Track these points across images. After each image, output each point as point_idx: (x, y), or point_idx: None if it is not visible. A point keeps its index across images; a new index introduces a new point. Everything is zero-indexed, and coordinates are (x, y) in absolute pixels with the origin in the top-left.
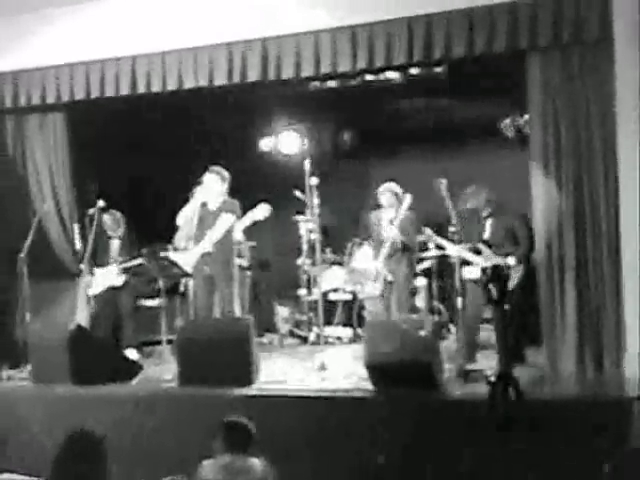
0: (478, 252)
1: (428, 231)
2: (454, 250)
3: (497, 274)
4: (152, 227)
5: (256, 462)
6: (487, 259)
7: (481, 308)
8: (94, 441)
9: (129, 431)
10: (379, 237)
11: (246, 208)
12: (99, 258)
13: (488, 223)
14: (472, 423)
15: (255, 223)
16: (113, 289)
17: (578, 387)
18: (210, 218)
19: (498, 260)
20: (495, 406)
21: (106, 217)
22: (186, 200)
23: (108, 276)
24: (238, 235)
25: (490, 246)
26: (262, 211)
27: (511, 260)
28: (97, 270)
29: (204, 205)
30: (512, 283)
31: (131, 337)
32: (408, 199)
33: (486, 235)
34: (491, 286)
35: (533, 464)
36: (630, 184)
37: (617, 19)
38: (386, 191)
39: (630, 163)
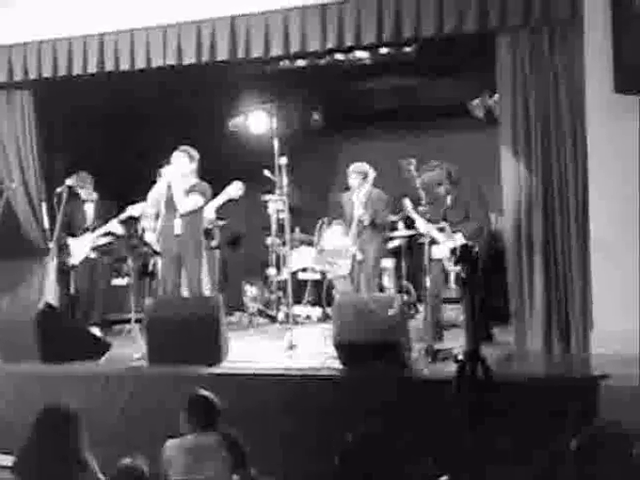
0: (442, 230)
1: (407, 202)
2: (424, 227)
3: (466, 254)
4: (122, 205)
5: (222, 440)
6: (448, 237)
7: (441, 287)
8: (68, 416)
9: (97, 409)
10: (351, 217)
11: (216, 187)
12: (75, 226)
13: (448, 199)
14: (440, 401)
15: (229, 201)
16: (88, 261)
17: (545, 365)
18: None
19: (458, 237)
20: (463, 384)
21: (73, 180)
22: (154, 180)
23: (84, 246)
24: (211, 214)
25: (450, 223)
26: (236, 189)
27: (459, 236)
28: (72, 240)
29: (171, 185)
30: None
31: (98, 315)
32: (371, 174)
33: (445, 211)
34: (460, 265)
35: (500, 442)
36: (598, 165)
37: None
38: (353, 172)
39: (599, 143)
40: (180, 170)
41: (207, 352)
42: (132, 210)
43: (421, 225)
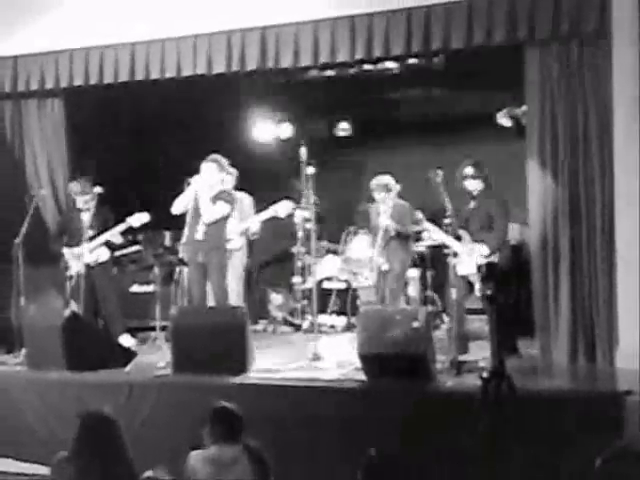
0: (458, 238)
1: (419, 215)
2: (439, 236)
3: (492, 271)
4: (151, 214)
5: (246, 452)
6: (466, 246)
7: (464, 299)
8: (110, 422)
9: (121, 418)
10: (377, 228)
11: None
12: (70, 236)
13: (471, 205)
14: (465, 414)
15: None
16: (89, 267)
17: (570, 380)
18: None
19: (478, 248)
20: (487, 401)
21: (73, 186)
22: (182, 188)
23: (80, 256)
24: (255, 227)
25: (469, 232)
26: (285, 208)
27: (484, 248)
28: (69, 249)
29: (199, 194)
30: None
31: (121, 321)
32: (395, 187)
33: (467, 218)
34: (484, 283)
35: (524, 457)
36: (625, 177)
37: (616, 12)
38: (375, 186)
39: (626, 156)
40: (209, 179)
41: (232, 362)
42: (131, 221)
43: (436, 235)
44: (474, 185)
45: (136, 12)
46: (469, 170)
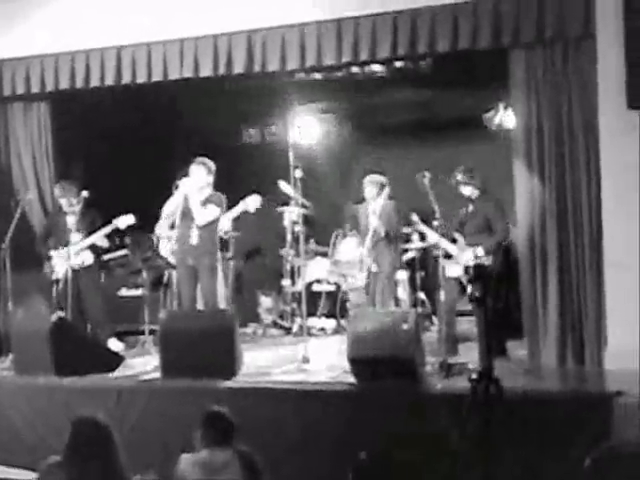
0: (454, 241)
1: (414, 217)
2: (435, 238)
3: (480, 273)
4: (137, 217)
5: (237, 457)
6: (461, 249)
7: (455, 301)
8: (102, 426)
9: (111, 423)
10: (366, 229)
11: (232, 199)
12: (56, 238)
13: (469, 208)
14: (454, 416)
15: (245, 213)
16: (75, 271)
17: (559, 382)
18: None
19: (472, 250)
20: (476, 403)
21: (58, 189)
22: (170, 191)
23: (67, 257)
24: (227, 225)
25: (465, 235)
26: (253, 202)
27: (481, 250)
28: (55, 252)
29: (188, 197)
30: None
31: (107, 325)
32: (386, 189)
33: (463, 221)
34: (473, 285)
35: (513, 459)
36: (612, 178)
37: (600, 15)
38: (369, 183)
39: (612, 158)
40: (197, 182)
41: (221, 365)
42: (118, 223)
43: (432, 237)
44: (468, 191)
45: (122, 16)
46: (460, 177)
